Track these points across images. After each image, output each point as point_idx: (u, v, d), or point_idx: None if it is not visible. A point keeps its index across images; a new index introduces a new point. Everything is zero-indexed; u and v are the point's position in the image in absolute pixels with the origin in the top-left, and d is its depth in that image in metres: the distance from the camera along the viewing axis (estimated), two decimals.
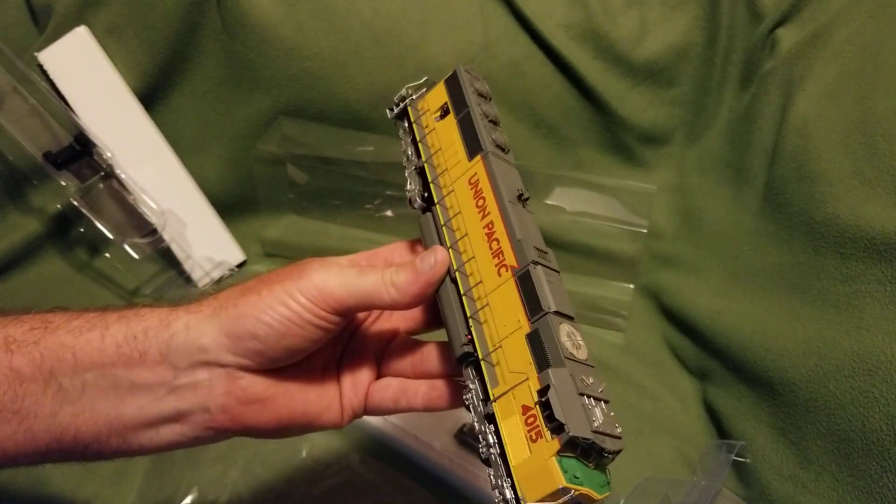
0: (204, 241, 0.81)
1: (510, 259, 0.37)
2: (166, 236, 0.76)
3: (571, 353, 0.34)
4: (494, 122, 0.44)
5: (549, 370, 0.33)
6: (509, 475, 0.33)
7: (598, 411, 0.33)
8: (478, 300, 0.38)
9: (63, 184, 0.74)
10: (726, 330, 0.68)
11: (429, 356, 0.42)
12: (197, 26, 0.78)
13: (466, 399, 0.37)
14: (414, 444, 0.62)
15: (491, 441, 0.35)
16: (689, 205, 0.84)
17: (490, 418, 0.35)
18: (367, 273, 0.38)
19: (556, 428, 0.32)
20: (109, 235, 0.74)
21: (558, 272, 0.38)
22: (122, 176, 0.75)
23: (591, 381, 0.34)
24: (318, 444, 0.65)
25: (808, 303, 0.59)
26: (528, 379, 0.34)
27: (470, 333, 0.38)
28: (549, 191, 0.83)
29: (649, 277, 0.83)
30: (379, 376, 0.43)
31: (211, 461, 0.64)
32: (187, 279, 0.79)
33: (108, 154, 0.74)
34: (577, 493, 0.31)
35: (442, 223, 0.41)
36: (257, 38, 0.78)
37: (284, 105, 0.82)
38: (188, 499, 0.61)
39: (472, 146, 0.42)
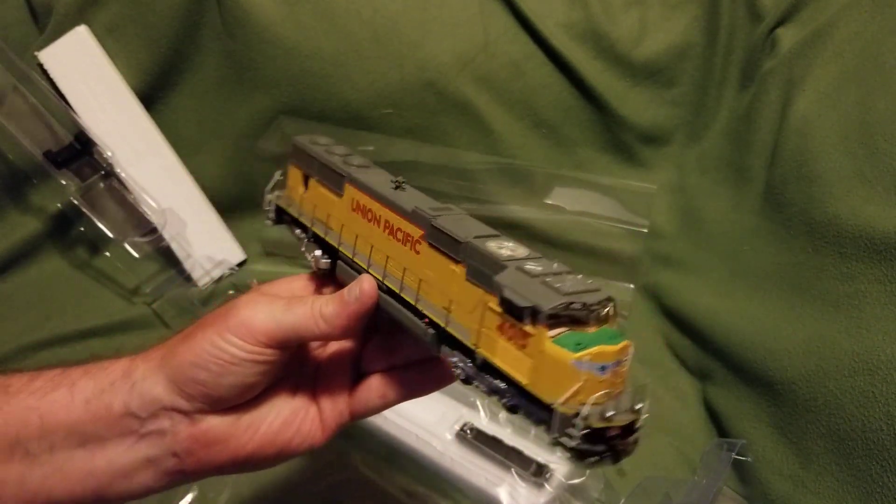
0: (204, 240, 0.81)
1: (416, 233, 0.38)
2: (166, 235, 0.76)
3: (509, 256, 0.34)
4: (349, 154, 0.45)
5: (494, 277, 0.32)
6: (529, 397, 0.31)
7: (564, 281, 0.32)
8: (414, 287, 0.38)
9: (63, 183, 0.74)
10: (726, 330, 0.68)
11: (403, 344, 0.41)
12: (197, 26, 0.78)
13: (458, 373, 0.36)
14: (414, 443, 0.62)
15: (499, 385, 0.33)
16: (689, 205, 0.84)
17: (483, 366, 0.34)
18: (296, 305, 0.38)
19: (531, 316, 0.30)
20: (110, 234, 0.74)
21: (464, 213, 0.38)
22: (123, 175, 0.75)
23: (540, 267, 0.33)
24: None
25: (808, 303, 0.59)
26: (487, 304, 0.33)
27: (426, 317, 0.37)
28: (549, 191, 0.83)
29: (649, 277, 0.83)
30: (361, 377, 0.42)
31: None
32: (187, 278, 0.79)
33: (109, 153, 0.74)
34: (590, 356, 0.29)
35: (351, 257, 0.42)
36: (257, 37, 0.78)
37: (285, 105, 0.82)
38: (188, 498, 0.61)
39: (335, 181, 0.43)
